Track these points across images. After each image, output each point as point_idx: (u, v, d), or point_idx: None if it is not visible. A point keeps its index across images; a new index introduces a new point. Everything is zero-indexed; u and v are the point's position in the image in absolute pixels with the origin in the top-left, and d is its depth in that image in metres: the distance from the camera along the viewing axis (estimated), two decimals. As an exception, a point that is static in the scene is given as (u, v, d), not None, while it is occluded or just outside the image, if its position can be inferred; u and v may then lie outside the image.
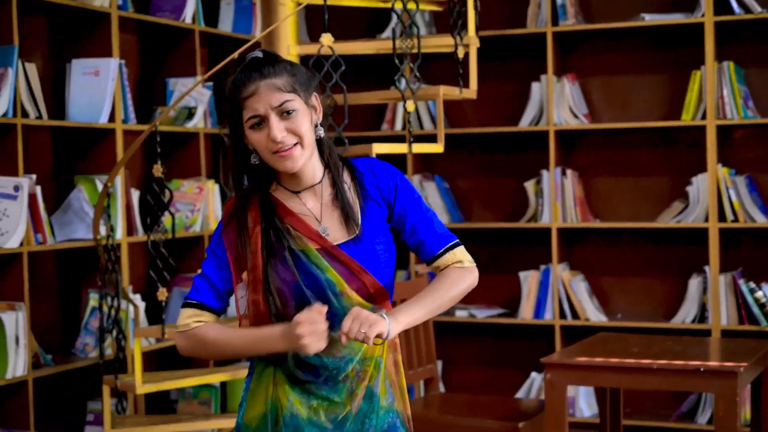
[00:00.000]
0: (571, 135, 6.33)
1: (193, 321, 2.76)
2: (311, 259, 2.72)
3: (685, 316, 6.01)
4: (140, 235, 5.48)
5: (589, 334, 6.17)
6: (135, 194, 5.56)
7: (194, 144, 5.95)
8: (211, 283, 2.78)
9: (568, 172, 6.20)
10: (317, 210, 2.79)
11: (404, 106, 4.50)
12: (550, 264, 6.20)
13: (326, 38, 4.45)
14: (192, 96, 5.86)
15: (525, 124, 6.29)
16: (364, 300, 2.74)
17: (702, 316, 5.97)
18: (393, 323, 2.65)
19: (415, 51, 4.59)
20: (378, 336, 2.60)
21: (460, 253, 2.88)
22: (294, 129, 2.69)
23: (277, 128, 2.67)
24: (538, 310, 6.24)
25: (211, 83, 6.06)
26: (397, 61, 4.51)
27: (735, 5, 5.86)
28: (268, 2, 4.98)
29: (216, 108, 6.15)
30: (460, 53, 4.73)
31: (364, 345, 2.74)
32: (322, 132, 2.81)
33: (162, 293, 4.64)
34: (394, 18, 6.38)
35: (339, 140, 4.40)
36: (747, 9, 5.86)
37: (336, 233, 2.77)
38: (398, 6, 4.93)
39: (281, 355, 2.74)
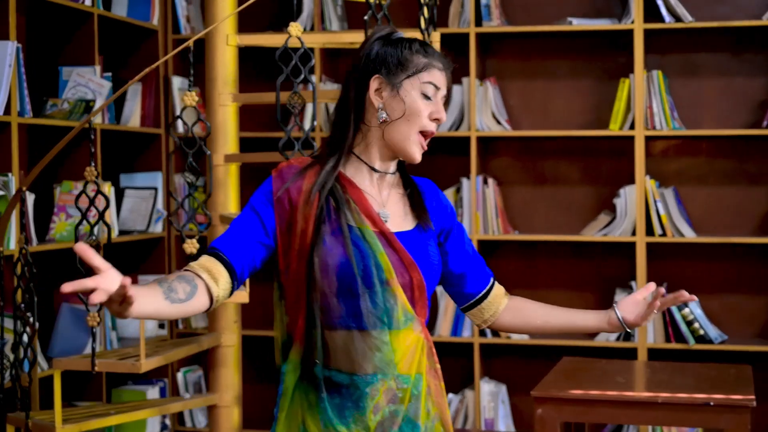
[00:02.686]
0: (491, 142, 6.00)
1: (196, 264, 2.45)
2: (366, 238, 2.49)
3: (610, 334, 5.75)
4: (34, 245, 4.86)
5: (509, 352, 5.90)
6: (30, 198, 4.91)
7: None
8: (235, 236, 2.51)
9: (490, 180, 5.87)
10: (384, 195, 2.59)
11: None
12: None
13: (295, 28, 3.97)
14: (89, 87, 5.26)
15: (445, 128, 5.91)
16: (407, 300, 2.50)
17: (627, 334, 5.73)
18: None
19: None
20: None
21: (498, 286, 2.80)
22: (441, 121, 2.60)
23: (443, 111, 2.58)
24: (456, 328, 5.88)
25: (109, 74, 5.46)
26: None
27: (665, 13, 5.65)
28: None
29: (114, 102, 5.55)
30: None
31: (400, 362, 2.49)
32: None
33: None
34: (306, 10, 5.93)
35: (306, 143, 3.94)
36: (677, 17, 5.65)
37: (395, 222, 2.57)
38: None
39: (310, 373, 2.49)
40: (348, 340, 2.48)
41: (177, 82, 6.00)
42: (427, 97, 2.53)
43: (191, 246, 3.98)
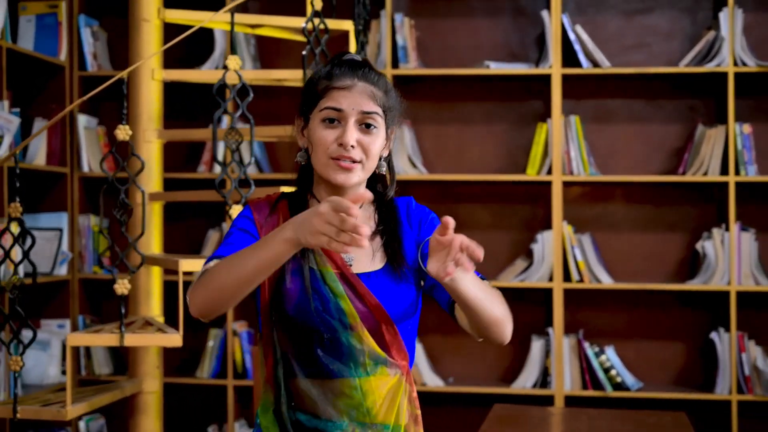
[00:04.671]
0: (406, 185, 5.91)
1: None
2: (326, 281, 2.36)
3: (526, 380, 5.68)
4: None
5: (422, 400, 5.74)
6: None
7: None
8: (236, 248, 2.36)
9: (406, 225, 5.77)
10: None
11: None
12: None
13: (233, 61, 3.83)
14: (-4, 123, 5.03)
15: (359, 171, 5.78)
16: (376, 345, 2.37)
17: (544, 380, 5.67)
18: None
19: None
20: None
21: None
22: (366, 146, 2.39)
23: (352, 134, 2.36)
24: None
25: (17, 109, 5.23)
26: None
27: (583, 58, 5.65)
28: (131, 19, 4.33)
29: (22, 139, 5.31)
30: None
31: (374, 407, 2.37)
32: (384, 168, 2.49)
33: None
34: (218, 48, 5.78)
35: (244, 181, 3.80)
36: (595, 63, 5.66)
37: (361, 263, 2.41)
38: (265, 33, 4.42)
39: (279, 416, 2.38)
40: (310, 387, 2.37)
41: (83, 120, 5.79)
42: (330, 121, 2.40)
43: (122, 287, 3.78)
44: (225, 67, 3.84)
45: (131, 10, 4.33)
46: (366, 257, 2.44)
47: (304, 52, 3.94)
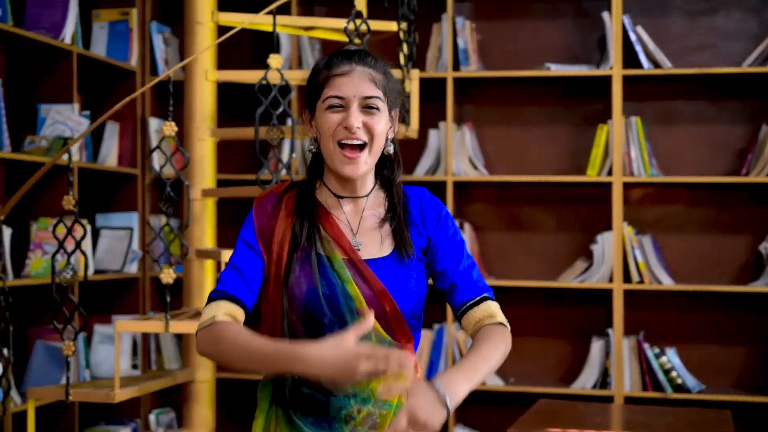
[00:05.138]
0: (467, 186, 5.98)
1: (220, 314, 2.41)
2: (334, 266, 2.46)
3: (586, 381, 5.71)
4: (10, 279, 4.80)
5: (484, 399, 5.83)
6: (6, 232, 4.85)
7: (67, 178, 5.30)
8: (240, 273, 2.46)
9: (466, 225, 5.85)
10: (355, 222, 2.54)
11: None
12: (444, 323, 5.81)
13: (275, 60, 3.95)
14: (67, 125, 5.23)
15: (421, 172, 5.90)
16: (381, 329, 2.45)
17: (604, 381, 5.69)
18: (452, 400, 2.27)
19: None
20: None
21: (495, 308, 2.60)
22: (371, 126, 2.47)
23: (356, 117, 2.45)
24: (431, 371, 5.82)
25: (88, 112, 5.44)
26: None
27: (644, 59, 5.67)
28: (186, 22, 4.49)
29: (92, 141, 5.52)
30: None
31: (378, 387, 2.42)
32: (391, 149, 2.56)
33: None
34: (283, 53, 5.93)
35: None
36: (656, 64, 5.68)
37: (369, 249, 2.51)
38: (319, 35, 4.53)
39: (282, 393, 2.48)
40: None
41: (154, 123, 5.98)
42: (335, 107, 2.47)
43: (167, 276, 3.93)
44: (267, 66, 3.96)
45: (186, 13, 4.49)
46: (374, 243, 2.52)
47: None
